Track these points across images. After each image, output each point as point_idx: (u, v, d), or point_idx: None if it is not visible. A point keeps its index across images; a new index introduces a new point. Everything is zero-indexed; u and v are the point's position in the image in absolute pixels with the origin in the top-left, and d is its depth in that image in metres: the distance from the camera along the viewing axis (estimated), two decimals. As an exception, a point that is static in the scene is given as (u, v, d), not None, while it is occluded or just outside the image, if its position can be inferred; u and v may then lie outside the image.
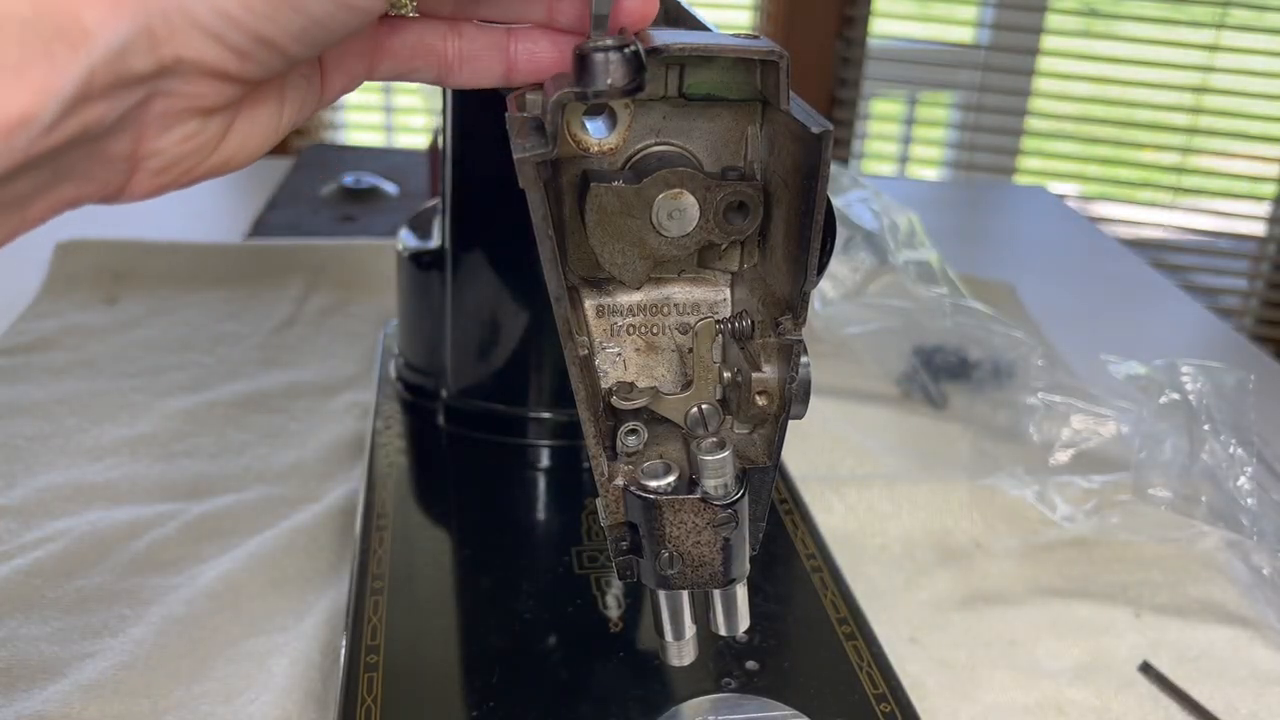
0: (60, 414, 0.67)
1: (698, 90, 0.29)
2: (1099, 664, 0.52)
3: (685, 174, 0.28)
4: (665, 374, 0.32)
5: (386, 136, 2.13)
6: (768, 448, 0.31)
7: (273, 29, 0.24)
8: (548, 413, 0.56)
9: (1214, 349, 0.92)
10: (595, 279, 0.31)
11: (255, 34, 0.24)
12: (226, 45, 0.24)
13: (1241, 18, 2.00)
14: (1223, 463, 0.58)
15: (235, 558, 0.55)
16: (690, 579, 0.31)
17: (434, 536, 0.51)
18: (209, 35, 0.24)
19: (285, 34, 0.25)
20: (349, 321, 0.82)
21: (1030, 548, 0.60)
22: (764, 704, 0.40)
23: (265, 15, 0.24)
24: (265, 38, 0.24)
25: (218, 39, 0.24)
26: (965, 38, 2.11)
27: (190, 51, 0.24)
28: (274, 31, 0.24)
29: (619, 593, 0.46)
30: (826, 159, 0.26)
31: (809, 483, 0.63)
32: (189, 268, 0.87)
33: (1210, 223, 2.17)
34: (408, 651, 0.43)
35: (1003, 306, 0.85)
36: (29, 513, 0.58)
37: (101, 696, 0.46)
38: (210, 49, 0.24)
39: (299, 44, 0.25)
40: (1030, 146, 2.14)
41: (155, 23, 0.23)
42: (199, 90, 0.25)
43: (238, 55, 0.25)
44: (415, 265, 0.58)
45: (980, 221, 1.23)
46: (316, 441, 0.66)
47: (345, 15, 0.25)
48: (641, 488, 0.30)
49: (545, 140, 0.26)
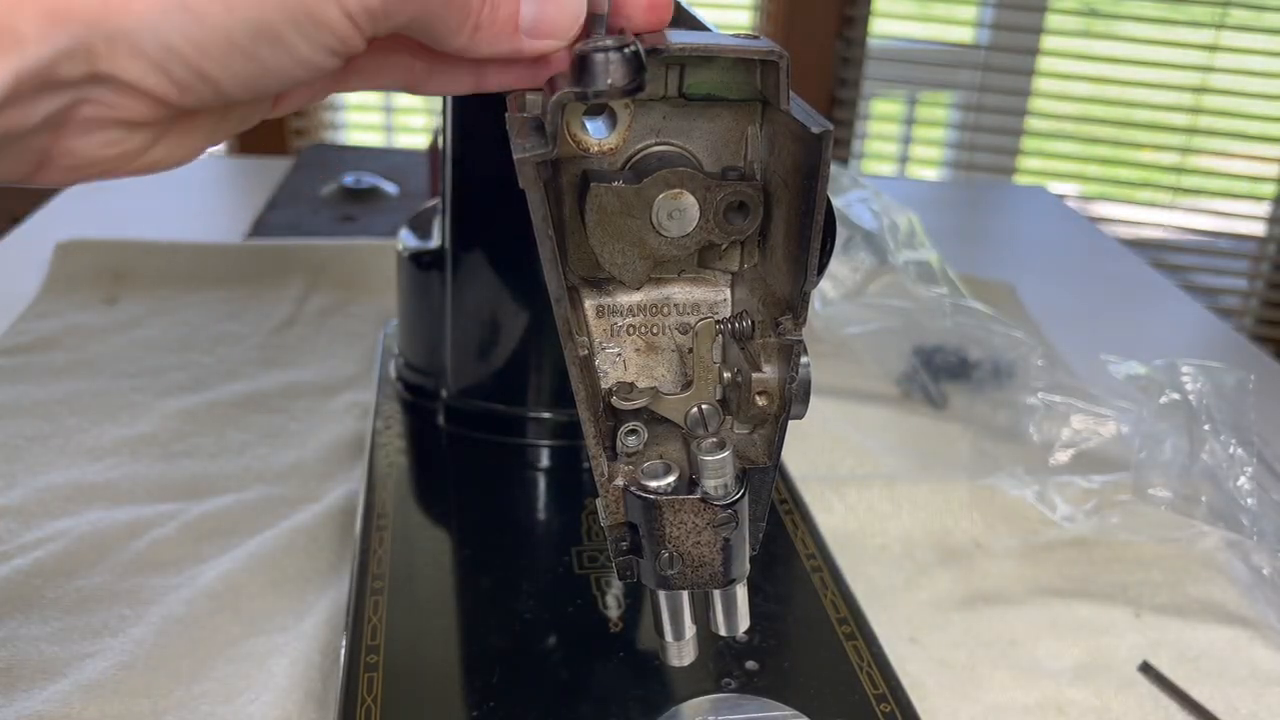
0: (60, 414, 0.67)
1: (698, 90, 0.29)
2: (1099, 664, 0.52)
3: (685, 174, 0.28)
4: (665, 374, 0.32)
5: (386, 136, 2.13)
6: (768, 448, 0.31)
7: (219, 71, 0.23)
8: (548, 413, 0.56)
9: (1214, 349, 0.92)
10: (595, 279, 0.31)
11: (200, 72, 0.23)
12: (168, 76, 0.23)
13: (1241, 18, 2.00)
14: (1223, 463, 0.58)
15: (235, 558, 0.55)
16: (690, 579, 0.31)
17: (434, 536, 0.51)
18: (151, 63, 0.23)
19: (233, 78, 0.24)
20: (349, 321, 0.82)
21: (1030, 548, 0.60)
22: (764, 704, 0.40)
23: (214, 58, 0.23)
24: (210, 77, 0.23)
25: (159, 68, 0.23)
26: (965, 38, 2.11)
27: (127, 74, 0.23)
28: (220, 74, 0.23)
29: (619, 593, 0.46)
30: (826, 159, 0.26)
31: (809, 483, 0.63)
32: (189, 268, 0.87)
33: (1210, 223, 2.17)
34: (408, 651, 0.43)
35: (1003, 306, 0.85)
36: (29, 513, 0.58)
37: (101, 696, 0.46)
38: (150, 76, 0.23)
39: (245, 90, 0.24)
40: (1030, 146, 2.14)
41: (96, 41, 0.22)
42: (128, 104, 0.24)
43: (178, 87, 0.24)
44: (415, 265, 0.58)
45: (980, 221, 1.23)
46: (316, 441, 0.66)
47: (300, 71, 0.24)
48: (641, 488, 0.30)
49: (545, 140, 0.26)
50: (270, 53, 0.24)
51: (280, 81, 0.25)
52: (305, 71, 0.25)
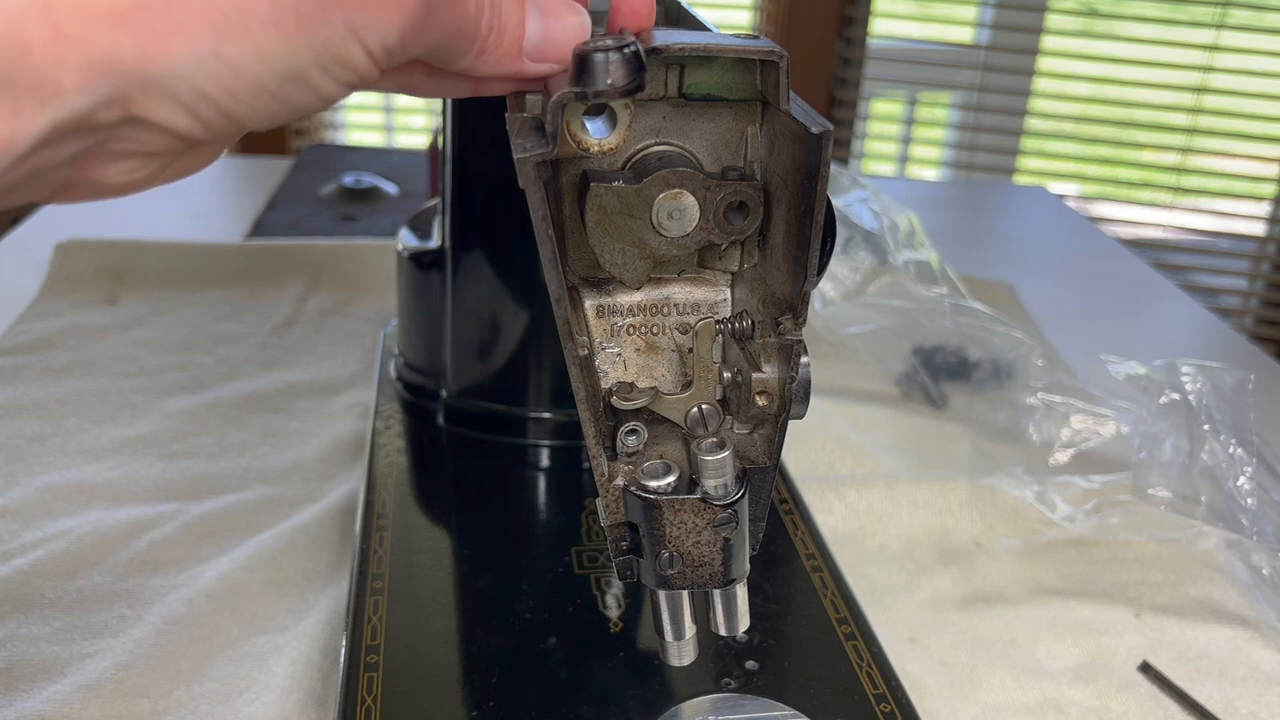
0: (60, 414, 0.67)
1: (698, 90, 0.29)
2: (1099, 664, 0.52)
3: (685, 174, 0.28)
4: (665, 374, 0.32)
5: (386, 136, 2.13)
6: (768, 448, 0.31)
7: (246, 111, 0.24)
8: (548, 413, 0.56)
9: (1214, 349, 0.92)
10: (595, 279, 0.31)
11: (228, 113, 0.24)
12: (197, 117, 0.24)
13: (1241, 18, 2.00)
14: (1223, 463, 0.58)
15: (235, 558, 0.55)
16: (690, 579, 0.31)
17: (434, 536, 0.51)
18: (182, 106, 0.24)
19: (256, 115, 0.25)
20: (349, 321, 0.82)
21: (1030, 548, 0.60)
22: (764, 704, 0.40)
23: (243, 100, 0.24)
24: (236, 116, 0.24)
25: (189, 111, 0.24)
26: (965, 38, 2.11)
27: (157, 116, 0.24)
28: (246, 113, 0.24)
29: (619, 593, 0.46)
30: (826, 159, 0.26)
31: (809, 483, 0.63)
32: (189, 268, 0.87)
33: (1210, 223, 2.17)
34: (408, 651, 0.43)
35: (1003, 306, 0.85)
36: (29, 513, 0.58)
37: (101, 696, 0.46)
38: (179, 117, 0.24)
39: (265, 122, 0.25)
40: (1030, 146, 2.14)
41: (132, 89, 0.23)
42: (154, 139, 0.25)
43: (204, 125, 0.24)
44: (415, 265, 0.58)
45: (980, 221, 1.23)
46: (316, 441, 0.66)
47: (317, 104, 0.25)
48: (641, 488, 0.30)
49: (545, 140, 0.26)
50: (295, 92, 0.24)
51: (298, 114, 0.26)
52: (322, 104, 0.26)
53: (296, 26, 0.23)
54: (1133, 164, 2.30)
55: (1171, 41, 2.01)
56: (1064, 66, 2.07)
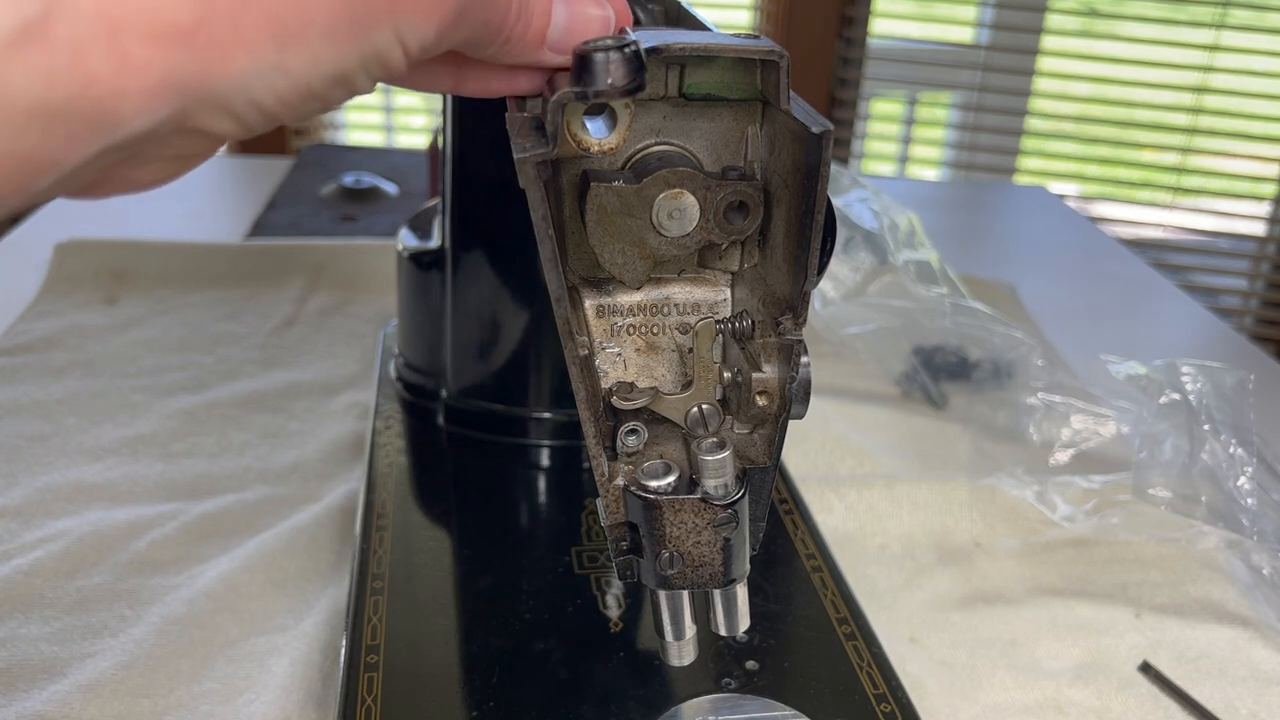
0: (60, 414, 0.67)
1: (698, 90, 0.29)
2: (1099, 664, 0.52)
3: (685, 174, 0.28)
4: (665, 374, 0.32)
5: (386, 136, 2.13)
6: (768, 448, 0.31)
7: (290, 115, 0.24)
8: (548, 413, 0.56)
9: (1214, 349, 0.92)
10: (595, 279, 0.31)
11: (274, 116, 0.24)
12: (243, 124, 0.24)
13: (1241, 18, 2.00)
14: (1223, 463, 0.58)
15: (235, 558, 0.55)
16: (690, 579, 0.31)
17: (434, 536, 0.51)
18: (231, 115, 0.24)
19: (298, 116, 0.25)
20: (349, 321, 0.82)
21: (1030, 548, 0.60)
22: (764, 704, 0.40)
23: (291, 105, 0.24)
24: (279, 118, 0.25)
25: (237, 118, 0.24)
26: (965, 38, 2.11)
27: (210, 126, 0.24)
28: (289, 115, 0.25)
29: (619, 593, 0.46)
30: (827, 159, 0.26)
31: (809, 483, 0.63)
32: (189, 268, 0.87)
33: (1210, 223, 2.17)
34: (408, 651, 0.43)
35: (1003, 306, 0.85)
36: (29, 513, 0.58)
37: (101, 696, 0.46)
38: (226, 124, 0.24)
39: (301, 120, 0.26)
40: (1030, 146, 2.14)
41: (191, 105, 0.22)
42: (194, 144, 0.25)
43: (246, 128, 0.24)
44: (415, 265, 0.58)
45: (980, 221, 1.23)
46: (316, 441, 0.66)
47: (347, 100, 0.26)
48: (641, 488, 0.30)
49: (545, 140, 0.26)
50: (337, 93, 0.25)
51: (329, 110, 0.26)
52: (350, 98, 0.26)
53: (349, 33, 0.23)
54: (1133, 164, 2.30)
55: (1171, 41, 2.01)
56: (1064, 66, 2.07)
